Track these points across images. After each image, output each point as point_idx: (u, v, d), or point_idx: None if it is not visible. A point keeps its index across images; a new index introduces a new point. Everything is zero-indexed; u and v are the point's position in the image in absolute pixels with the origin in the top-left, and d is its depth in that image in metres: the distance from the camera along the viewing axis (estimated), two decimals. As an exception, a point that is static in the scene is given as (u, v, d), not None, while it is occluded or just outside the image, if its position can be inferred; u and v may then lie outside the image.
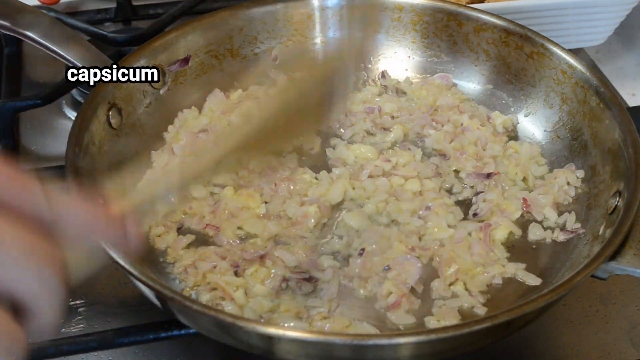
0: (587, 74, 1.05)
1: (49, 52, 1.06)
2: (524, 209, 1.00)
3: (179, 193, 0.74)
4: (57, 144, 1.24)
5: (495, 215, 0.99)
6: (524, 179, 1.05)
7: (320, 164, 1.08)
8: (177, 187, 0.73)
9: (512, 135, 1.14)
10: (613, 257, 0.82)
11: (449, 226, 0.98)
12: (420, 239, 0.96)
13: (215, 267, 0.91)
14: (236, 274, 0.91)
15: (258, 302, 0.87)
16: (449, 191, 1.04)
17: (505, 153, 1.09)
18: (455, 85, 1.20)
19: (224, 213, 0.98)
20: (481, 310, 0.88)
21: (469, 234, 0.97)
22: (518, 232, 0.98)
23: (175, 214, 0.99)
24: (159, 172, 0.89)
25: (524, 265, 0.93)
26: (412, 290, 0.90)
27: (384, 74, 1.22)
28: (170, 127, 1.12)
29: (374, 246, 0.94)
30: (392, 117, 1.15)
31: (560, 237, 0.97)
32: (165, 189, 0.71)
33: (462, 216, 1.00)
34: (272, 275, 0.90)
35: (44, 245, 0.52)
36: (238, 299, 0.87)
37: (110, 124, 1.02)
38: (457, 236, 0.96)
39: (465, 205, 1.02)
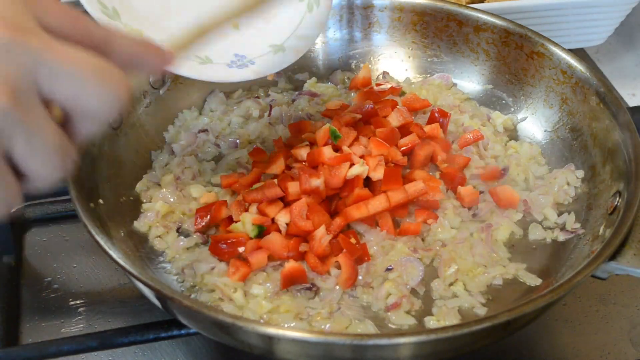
0: (587, 74, 1.05)
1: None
2: (524, 209, 1.00)
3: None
4: (57, 144, 1.24)
5: (495, 215, 0.99)
6: (525, 179, 1.04)
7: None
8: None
9: (512, 135, 1.14)
10: (613, 257, 0.82)
11: (452, 227, 0.97)
12: (423, 240, 0.96)
13: (213, 268, 0.91)
14: None
15: (257, 302, 0.87)
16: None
17: (506, 153, 1.09)
18: (455, 85, 1.20)
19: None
20: (481, 310, 0.88)
21: (471, 234, 0.97)
22: (519, 232, 0.98)
23: (174, 214, 0.99)
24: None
25: (524, 265, 0.93)
26: (413, 291, 0.90)
27: (384, 75, 1.22)
28: (170, 127, 1.12)
29: (375, 248, 0.94)
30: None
31: (560, 237, 0.97)
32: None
33: (470, 218, 0.99)
34: (272, 280, 0.90)
35: (108, 66, 0.60)
36: (237, 299, 0.87)
37: (110, 124, 1.01)
38: (460, 236, 0.96)
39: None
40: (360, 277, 0.90)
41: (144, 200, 1.01)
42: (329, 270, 0.91)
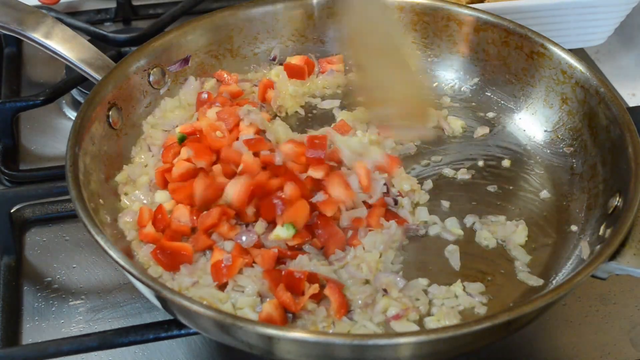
0: (587, 74, 1.05)
1: (50, 53, 1.06)
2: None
3: None
4: (57, 144, 1.24)
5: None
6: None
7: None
8: None
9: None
10: (613, 257, 0.82)
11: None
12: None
13: (196, 282, 0.89)
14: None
15: (244, 314, 0.85)
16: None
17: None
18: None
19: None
20: (481, 310, 0.88)
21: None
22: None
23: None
24: None
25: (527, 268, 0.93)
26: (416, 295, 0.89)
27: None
28: (149, 117, 1.09)
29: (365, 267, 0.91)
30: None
31: (560, 237, 0.97)
32: None
33: None
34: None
35: None
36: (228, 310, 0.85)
37: (110, 124, 1.01)
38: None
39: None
40: (359, 301, 0.87)
41: (120, 193, 0.98)
42: (306, 306, 0.85)
